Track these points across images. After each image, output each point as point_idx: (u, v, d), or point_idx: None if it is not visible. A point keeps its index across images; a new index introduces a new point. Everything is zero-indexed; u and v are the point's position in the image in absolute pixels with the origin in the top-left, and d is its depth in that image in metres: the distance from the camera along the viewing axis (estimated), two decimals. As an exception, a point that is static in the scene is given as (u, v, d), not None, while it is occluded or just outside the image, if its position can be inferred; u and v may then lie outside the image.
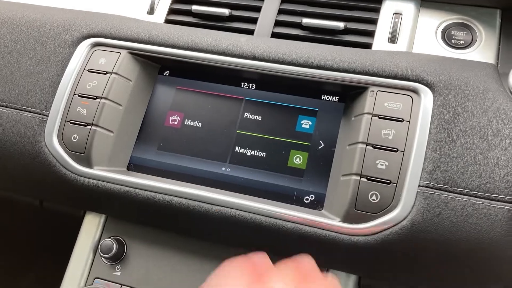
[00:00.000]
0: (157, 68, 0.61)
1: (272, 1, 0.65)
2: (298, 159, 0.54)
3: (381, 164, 0.48)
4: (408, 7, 0.62)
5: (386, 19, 0.62)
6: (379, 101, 0.51)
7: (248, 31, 0.64)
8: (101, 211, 0.61)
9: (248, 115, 0.57)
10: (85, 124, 0.56)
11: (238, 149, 0.55)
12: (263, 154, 0.55)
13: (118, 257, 0.58)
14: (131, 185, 0.54)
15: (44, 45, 0.61)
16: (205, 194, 0.52)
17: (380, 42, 0.60)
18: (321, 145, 0.54)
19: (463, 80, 0.51)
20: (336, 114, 0.55)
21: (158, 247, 0.59)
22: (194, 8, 0.66)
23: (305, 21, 0.62)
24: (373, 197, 0.48)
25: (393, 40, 0.60)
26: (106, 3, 0.71)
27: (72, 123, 0.56)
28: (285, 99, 0.56)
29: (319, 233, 0.48)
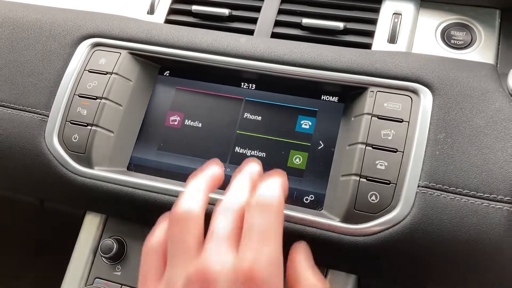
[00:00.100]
0: (157, 68, 0.61)
1: (272, 1, 0.66)
2: (297, 159, 0.54)
3: (381, 164, 0.48)
4: (407, 7, 0.62)
5: (385, 19, 0.62)
6: (378, 101, 0.51)
7: (248, 31, 0.64)
8: (102, 211, 0.61)
9: (248, 115, 0.57)
10: (85, 124, 0.56)
11: (238, 149, 0.56)
12: (263, 154, 0.55)
13: (118, 257, 0.58)
14: (131, 185, 0.54)
15: (44, 45, 0.61)
16: (205, 194, 0.52)
17: (380, 42, 0.60)
18: (321, 145, 0.54)
19: (462, 81, 0.51)
20: (336, 114, 0.55)
21: (158, 247, 0.59)
22: (194, 8, 0.66)
23: (305, 21, 0.62)
24: (373, 197, 0.48)
25: (392, 40, 0.60)
26: (106, 3, 0.71)
27: (72, 123, 0.56)
28: (285, 99, 0.56)
29: (318, 233, 0.48)
